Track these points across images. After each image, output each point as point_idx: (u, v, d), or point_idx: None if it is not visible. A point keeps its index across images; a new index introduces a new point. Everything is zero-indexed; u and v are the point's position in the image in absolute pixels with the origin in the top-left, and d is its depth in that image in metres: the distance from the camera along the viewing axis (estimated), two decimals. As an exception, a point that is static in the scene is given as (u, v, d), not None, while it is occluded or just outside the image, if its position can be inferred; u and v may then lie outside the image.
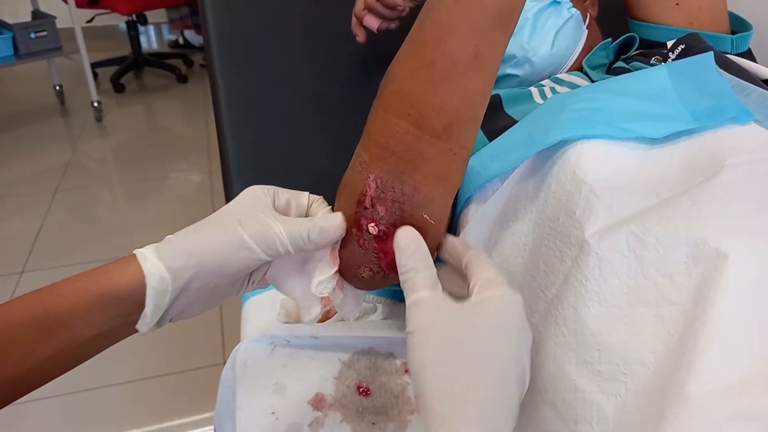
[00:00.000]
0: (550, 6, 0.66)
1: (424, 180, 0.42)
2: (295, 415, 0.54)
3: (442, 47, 0.41)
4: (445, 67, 0.41)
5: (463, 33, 0.41)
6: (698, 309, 0.35)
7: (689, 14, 0.68)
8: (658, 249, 0.39)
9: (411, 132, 0.42)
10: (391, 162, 0.42)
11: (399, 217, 0.42)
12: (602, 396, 0.38)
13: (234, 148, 0.79)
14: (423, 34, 0.43)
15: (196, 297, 0.41)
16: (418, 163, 0.42)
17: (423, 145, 0.42)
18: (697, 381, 0.32)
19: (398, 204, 0.42)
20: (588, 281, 0.41)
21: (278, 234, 0.41)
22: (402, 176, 0.42)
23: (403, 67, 0.43)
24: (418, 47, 0.43)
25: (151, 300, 0.38)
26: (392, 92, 0.43)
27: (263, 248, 0.40)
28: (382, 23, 0.71)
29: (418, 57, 0.42)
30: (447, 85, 0.41)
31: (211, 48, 0.82)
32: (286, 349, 0.58)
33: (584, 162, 0.46)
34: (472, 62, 0.41)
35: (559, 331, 0.42)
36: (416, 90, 0.42)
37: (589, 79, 0.65)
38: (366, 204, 0.43)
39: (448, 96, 0.42)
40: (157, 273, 0.38)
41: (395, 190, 0.42)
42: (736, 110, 0.45)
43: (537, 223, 0.49)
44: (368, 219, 0.43)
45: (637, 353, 0.37)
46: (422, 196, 0.42)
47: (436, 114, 0.42)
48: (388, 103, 0.43)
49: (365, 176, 0.43)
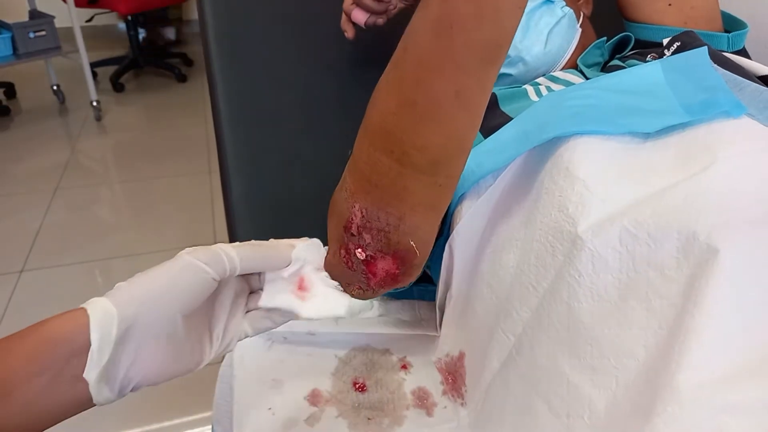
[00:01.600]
0: (543, 5, 0.66)
1: (410, 211, 0.41)
2: (292, 411, 0.54)
3: (423, 88, 0.38)
4: (427, 108, 0.38)
5: (446, 72, 0.37)
6: (689, 302, 0.35)
7: (683, 14, 0.68)
8: (649, 243, 0.39)
9: (394, 168, 0.40)
10: (375, 195, 0.41)
11: (385, 244, 0.42)
12: (594, 390, 0.39)
13: (231, 147, 0.80)
14: (404, 68, 0.39)
15: (151, 337, 0.36)
16: (402, 197, 0.41)
17: (407, 181, 0.40)
18: (686, 373, 0.33)
19: (384, 233, 0.42)
20: (581, 276, 0.42)
21: (225, 250, 0.39)
22: (387, 207, 0.41)
23: (386, 98, 0.40)
24: (399, 81, 0.39)
25: (95, 333, 0.34)
26: (375, 126, 0.41)
27: (211, 265, 0.38)
28: (369, 18, 0.71)
29: (399, 93, 0.39)
30: (430, 125, 0.39)
31: (210, 48, 0.83)
32: (284, 346, 0.59)
33: (577, 158, 0.47)
34: (456, 101, 0.38)
35: (552, 326, 0.43)
36: (398, 128, 0.39)
37: (584, 76, 0.66)
38: (353, 231, 0.42)
39: (432, 136, 0.39)
40: (101, 306, 0.35)
41: (380, 220, 0.42)
42: (729, 104, 0.45)
43: (529, 219, 0.49)
44: (355, 245, 0.43)
45: (628, 347, 0.38)
46: (408, 225, 0.42)
47: (419, 153, 0.39)
48: (372, 137, 0.41)
49: (351, 204, 0.42)
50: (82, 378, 0.34)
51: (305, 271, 0.43)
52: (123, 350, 0.35)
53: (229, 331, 0.41)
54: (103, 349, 0.34)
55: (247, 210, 0.78)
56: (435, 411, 0.56)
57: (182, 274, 0.37)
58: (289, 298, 0.42)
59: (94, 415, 0.54)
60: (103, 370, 0.34)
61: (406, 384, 0.58)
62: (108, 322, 0.34)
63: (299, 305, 0.42)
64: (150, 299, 0.36)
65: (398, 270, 0.45)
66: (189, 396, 1.26)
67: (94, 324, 0.34)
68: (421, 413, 0.56)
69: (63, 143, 2.47)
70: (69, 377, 0.34)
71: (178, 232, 1.83)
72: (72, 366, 0.34)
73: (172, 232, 1.83)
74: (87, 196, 2.10)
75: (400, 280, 0.46)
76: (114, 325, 0.34)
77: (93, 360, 0.34)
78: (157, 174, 2.22)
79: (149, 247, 1.78)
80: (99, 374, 0.34)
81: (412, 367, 0.60)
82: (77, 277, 1.65)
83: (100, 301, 0.35)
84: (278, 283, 0.42)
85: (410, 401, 0.57)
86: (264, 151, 0.83)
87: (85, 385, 0.34)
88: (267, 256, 0.41)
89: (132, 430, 1.21)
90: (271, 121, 0.84)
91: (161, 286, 0.36)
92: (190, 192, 2.10)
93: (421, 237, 0.43)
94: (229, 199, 0.78)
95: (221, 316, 0.41)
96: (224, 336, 0.41)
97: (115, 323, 0.34)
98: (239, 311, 0.42)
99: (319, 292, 0.43)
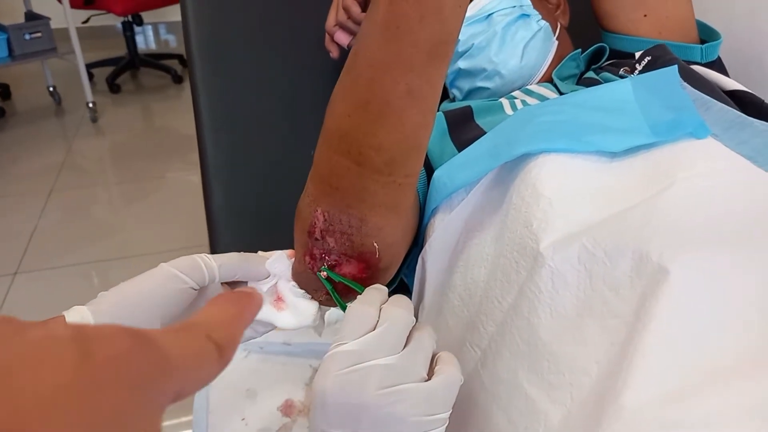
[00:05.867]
0: (519, 19, 0.67)
1: (371, 211, 0.43)
2: (265, 421, 0.55)
3: (375, 87, 0.40)
4: (379, 107, 0.40)
5: (395, 71, 0.39)
6: (639, 322, 0.36)
7: (658, 24, 0.69)
8: (606, 262, 0.40)
9: (353, 169, 0.41)
10: (336, 197, 0.43)
11: (348, 247, 0.43)
12: (550, 405, 0.40)
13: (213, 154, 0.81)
14: (356, 71, 0.41)
15: None
16: (362, 197, 0.42)
17: (366, 181, 0.42)
18: (631, 391, 0.34)
19: (347, 236, 0.43)
20: (541, 293, 0.43)
21: (204, 259, 0.40)
22: (348, 209, 0.42)
23: (341, 101, 0.42)
24: (352, 84, 0.42)
25: None
26: (332, 129, 0.43)
27: (189, 273, 0.39)
28: (352, 40, 0.72)
29: (353, 95, 0.41)
30: (383, 124, 0.40)
31: (192, 54, 0.84)
32: (260, 355, 0.60)
33: (544, 175, 0.48)
34: (407, 99, 0.40)
35: (514, 340, 0.44)
36: (354, 129, 0.41)
37: (558, 91, 0.66)
38: (316, 236, 0.44)
39: (386, 135, 0.41)
40: (78, 313, 0.36)
41: (342, 223, 0.43)
42: (694, 125, 0.46)
43: (499, 234, 0.50)
44: (320, 249, 0.44)
45: (582, 363, 0.39)
46: (370, 226, 0.43)
47: (376, 152, 0.41)
48: (330, 140, 0.43)
49: (313, 209, 0.44)
50: None
51: (279, 284, 0.44)
52: None
53: None
54: None
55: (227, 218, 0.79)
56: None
57: (160, 282, 0.38)
58: (267, 309, 0.43)
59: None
60: None
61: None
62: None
63: (276, 316, 0.44)
64: (128, 305, 0.37)
65: (364, 274, 0.46)
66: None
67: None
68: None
69: (59, 144, 2.48)
70: None
71: (175, 234, 1.83)
72: None
73: (168, 234, 1.84)
74: (83, 197, 2.11)
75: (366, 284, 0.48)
76: None
77: None
78: (154, 175, 2.23)
79: (145, 248, 1.79)
80: None
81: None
82: (73, 278, 1.66)
83: (79, 308, 0.36)
84: None
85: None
86: (247, 158, 0.84)
87: None
88: (245, 266, 0.43)
89: None
90: (254, 128, 0.85)
91: (139, 293, 0.38)
92: (187, 193, 2.11)
93: (383, 239, 0.44)
94: (210, 207, 0.79)
95: None
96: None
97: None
98: None
99: (290, 302, 0.45)
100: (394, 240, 0.47)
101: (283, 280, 0.45)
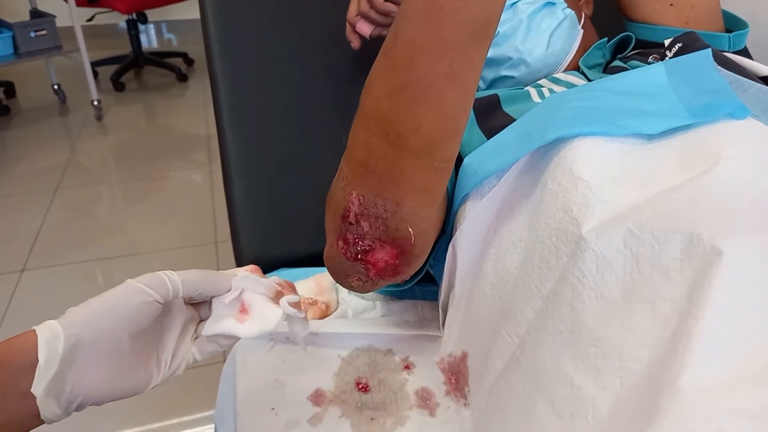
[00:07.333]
0: (544, 7, 0.66)
1: (407, 195, 0.42)
2: (295, 410, 0.54)
3: (416, 68, 0.39)
4: (420, 88, 0.39)
5: (437, 51, 0.39)
6: (692, 305, 0.35)
7: (684, 14, 0.68)
8: (653, 245, 0.39)
9: (390, 152, 0.41)
10: (373, 180, 0.42)
11: (383, 232, 0.43)
12: (598, 391, 0.39)
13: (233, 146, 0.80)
14: (396, 52, 0.40)
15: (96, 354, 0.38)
16: (399, 181, 0.42)
17: (403, 164, 0.41)
18: (689, 376, 0.33)
19: (382, 219, 0.42)
20: (585, 278, 0.42)
21: (168, 275, 0.41)
22: (384, 193, 0.42)
23: (379, 84, 0.42)
24: (391, 65, 0.41)
25: (42, 350, 0.35)
26: (370, 111, 0.42)
27: (153, 287, 0.39)
28: (375, 30, 0.71)
29: (392, 76, 0.41)
30: (423, 106, 0.40)
31: (212, 49, 0.83)
32: (286, 346, 0.59)
33: (581, 159, 0.47)
34: (447, 80, 0.39)
35: (556, 327, 0.43)
36: (393, 111, 0.41)
37: (586, 78, 0.66)
38: (351, 220, 0.43)
39: (425, 116, 0.40)
40: (48, 326, 0.37)
41: (378, 207, 0.42)
42: (733, 106, 0.45)
43: (533, 220, 0.49)
44: (354, 234, 0.43)
45: (632, 349, 0.38)
46: (405, 211, 0.42)
47: (414, 134, 0.40)
48: (367, 122, 0.42)
49: (348, 193, 0.43)
50: (30, 394, 0.35)
51: (244, 295, 0.45)
52: (70, 367, 0.36)
53: (177, 355, 0.43)
54: (50, 364, 0.35)
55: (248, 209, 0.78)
56: (438, 411, 0.56)
57: (126, 296, 0.39)
58: (228, 323, 0.44)
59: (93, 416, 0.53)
60: (50, 385, 0.35)
61: (409, 384, 0.58)
62: (55, 340, 0.36)
63: (237, 327, 0.44)
64: (95, 318, 0.38)
65: (397, 260, 0.45)
66: (189, 395, 1.26)
67: (42, 342, 0.35)
68: (424, 414, 0.56)
69: (63, 143, 2.47)
70: (18, 394, 0.35)
71: (179, 232, 1.82)
72: (21, 383, 0.35)
73: (172, 232, 1.83)
74: (87, 195, 2.10)
75: (399, 271, 0.47)
76: (60, 342, 0.36)
77: (40, 374, 0.35)
78: (158, 174, 2.22)
79: (149, 246, 1.78)
80: (45, 389, 0.35)
81: (414, 368, 0.60)
82: (78, 276, 1.66)
83: (49, 323, 0.37)
84: (220, 310, 0.44)
85: (413, 402, 0.57)
86: (265, 150, 0.83)
87: (33, 400, 0.35)
88: (206, 282, 0.43)
89: (132, 429, 1.21)
90: (273, 122, 0.84)
91: (106, 306, 0.38)
92: (191, 192, 2.10)
93: (418, 224, 0.44)
94: (231, 198, 0.78)
95: (169, 340, 0.43)
96: (173, 359, 0.43)
97: (61, 340, 0.36)
98: (188, 337, 0.44)
99: (257, 311, 0.45)
100: (428, 226, 0.46)
101: (251, 292, 0.45)
